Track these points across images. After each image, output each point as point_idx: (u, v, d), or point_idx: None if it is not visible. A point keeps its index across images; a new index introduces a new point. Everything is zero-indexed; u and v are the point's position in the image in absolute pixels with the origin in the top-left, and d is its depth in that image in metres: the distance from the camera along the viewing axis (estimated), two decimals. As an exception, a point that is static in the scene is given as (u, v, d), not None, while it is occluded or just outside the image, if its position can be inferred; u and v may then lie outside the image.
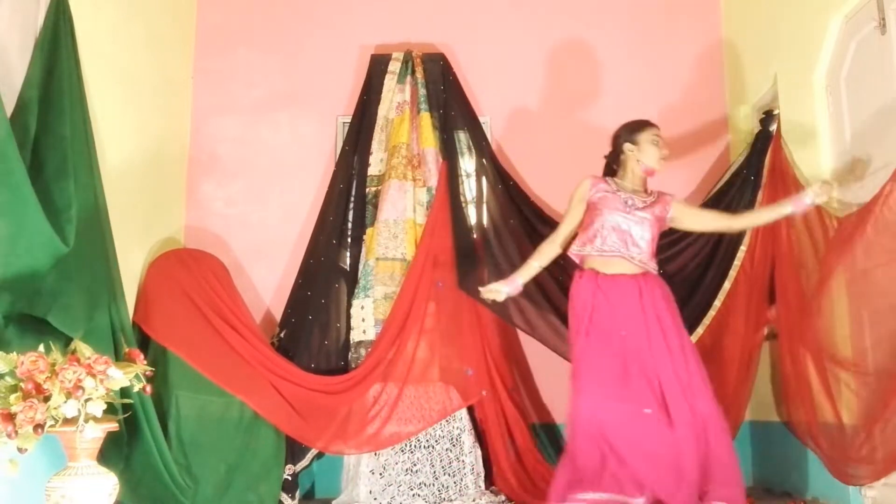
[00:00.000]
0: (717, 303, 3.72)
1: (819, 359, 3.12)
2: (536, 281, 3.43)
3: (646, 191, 3.29)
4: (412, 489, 3.57)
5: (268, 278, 4.20)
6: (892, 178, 2.70)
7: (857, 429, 2.88)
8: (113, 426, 2.25)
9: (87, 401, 2.09)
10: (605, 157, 3.40)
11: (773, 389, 3.70)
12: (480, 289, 3.32)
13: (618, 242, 3.13)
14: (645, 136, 3.26)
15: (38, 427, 2.02)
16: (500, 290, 3.23)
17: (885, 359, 2.72)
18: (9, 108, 2.58)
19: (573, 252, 3.25)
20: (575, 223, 3.28)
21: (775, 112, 3.80)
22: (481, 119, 4.24)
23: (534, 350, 4.02)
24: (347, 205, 4.05)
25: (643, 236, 3.15)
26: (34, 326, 2.48)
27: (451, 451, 3.64)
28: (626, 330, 3.03)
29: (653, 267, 3.19)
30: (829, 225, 3.16)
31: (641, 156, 3.25)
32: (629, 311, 3.05)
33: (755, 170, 3.78)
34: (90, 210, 2.78)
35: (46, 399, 2.06)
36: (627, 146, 3.27)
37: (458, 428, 3.67)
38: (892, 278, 2.72)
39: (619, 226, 3.15)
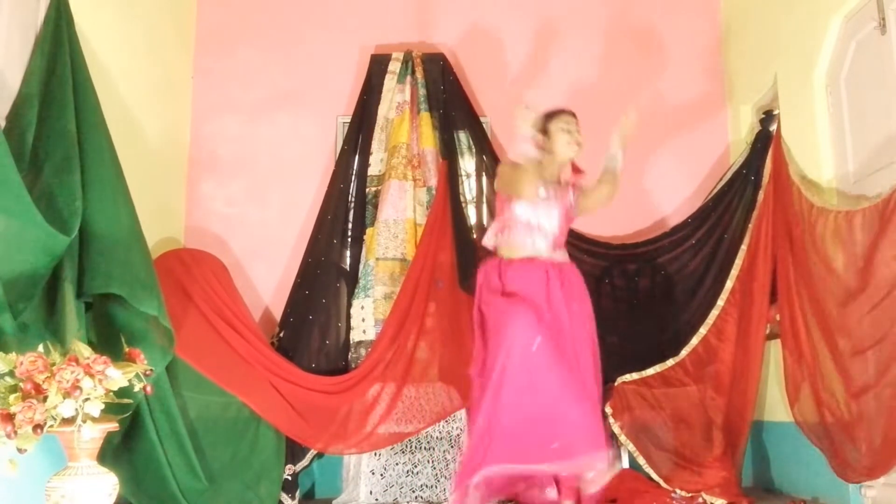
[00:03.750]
0: (721, 302, 3.71)
1: (820, 357, 3.12)
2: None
3: (560, 181, 3.19)
4: (413, 490, 3.57)
5: (268, 278, 4.20)
6: None
7: (858, 427, 2.88)
8: (112, 426, 2.25)
9: (85, 401, 2.09)
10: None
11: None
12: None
13: (523, 234, 3.09)
14: (555, 126, 3.16)
15: (38, 427, 2.02)
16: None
17: (886, 357, 2.73)
18: (8, 106, 2.58)
19: (486, 242, 3.21)
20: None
21: (775, 112, 3.80)
22: (481, 119, 4.25)
23: (534, 350, 4.02)
24: (347, 205, 4.05)
25: (551, 226, 3.10)
26: (34, 327, 2.49)
27: (449, 451, 3.64)
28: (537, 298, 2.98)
29: (561, 256, 3.13)
30: (829, 221, 3.14)
31: (554, 145, 3.15)
32: (537, 290, 3.00)
33: (755, 170, 3.79)
34: (104, 208, 2.76)
35: (46, 399, 2.05)
36: (541, 137, 3.17)
37: (457, 428, 3.67)
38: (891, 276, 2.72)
39: (527, 219, 3.09)
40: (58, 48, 2.74)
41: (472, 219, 4.10)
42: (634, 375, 3.65)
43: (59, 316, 2.55)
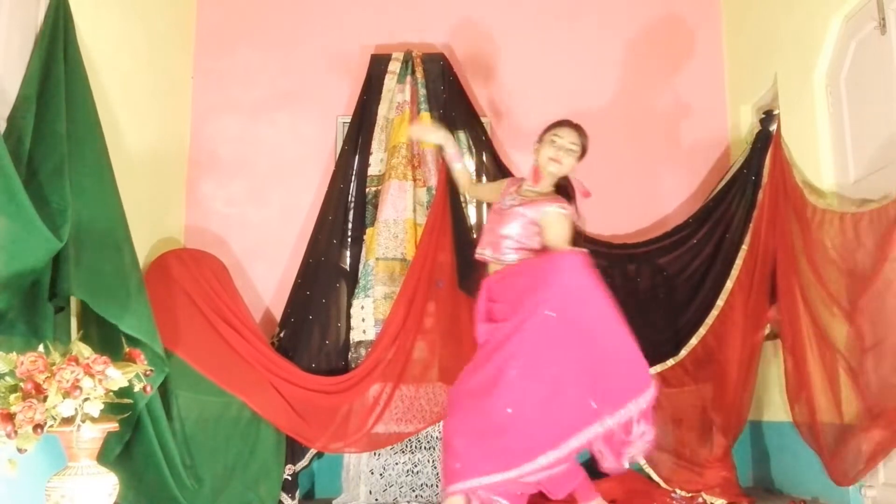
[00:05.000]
0: (720, 302, 3.71)
1: (821, 358, 3.12)
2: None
3: (547, 193, 3.11)
4: (413, 490, 3.57)
5: (268, 278, 4.20)
6: None
7: (854, 427, 2.88)
8: (112, 426, 2.25)
9: (85, 401, 2.09)
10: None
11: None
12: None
13: (484, 242, 3.15)
14: (547, 136, 3.11)
15: (38, 427, 2.02)
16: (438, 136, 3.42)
17: (885, 357, 2.73)
18: (8, 108, 2.58)
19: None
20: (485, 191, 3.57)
21: (775, 112, 3.80)
22: (482, 119, 4.25)
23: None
24: (347, 205, 4.04)
25: (508, 232, 3.02)
26: (33, 327, 2.49)
27: (450, 451, 3.63)
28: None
29: (511, 260, 3.02)
30: (833, 222, 3.14)
31: (538, 155, 3.11)
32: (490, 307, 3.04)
33: (755, 170, 3.78)
34: (98, 210, 2.76)
35: (46, 399, 2.05)
36: (535, 145, 3.17)
37: (458, 428, 3.67)
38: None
39: (490, 224, 3.16)
40: (55, 49, 2.73)
41: (472, 219, 4.09)
42: (634, 375, 3.64)
43: (39, 318, 2.54)
